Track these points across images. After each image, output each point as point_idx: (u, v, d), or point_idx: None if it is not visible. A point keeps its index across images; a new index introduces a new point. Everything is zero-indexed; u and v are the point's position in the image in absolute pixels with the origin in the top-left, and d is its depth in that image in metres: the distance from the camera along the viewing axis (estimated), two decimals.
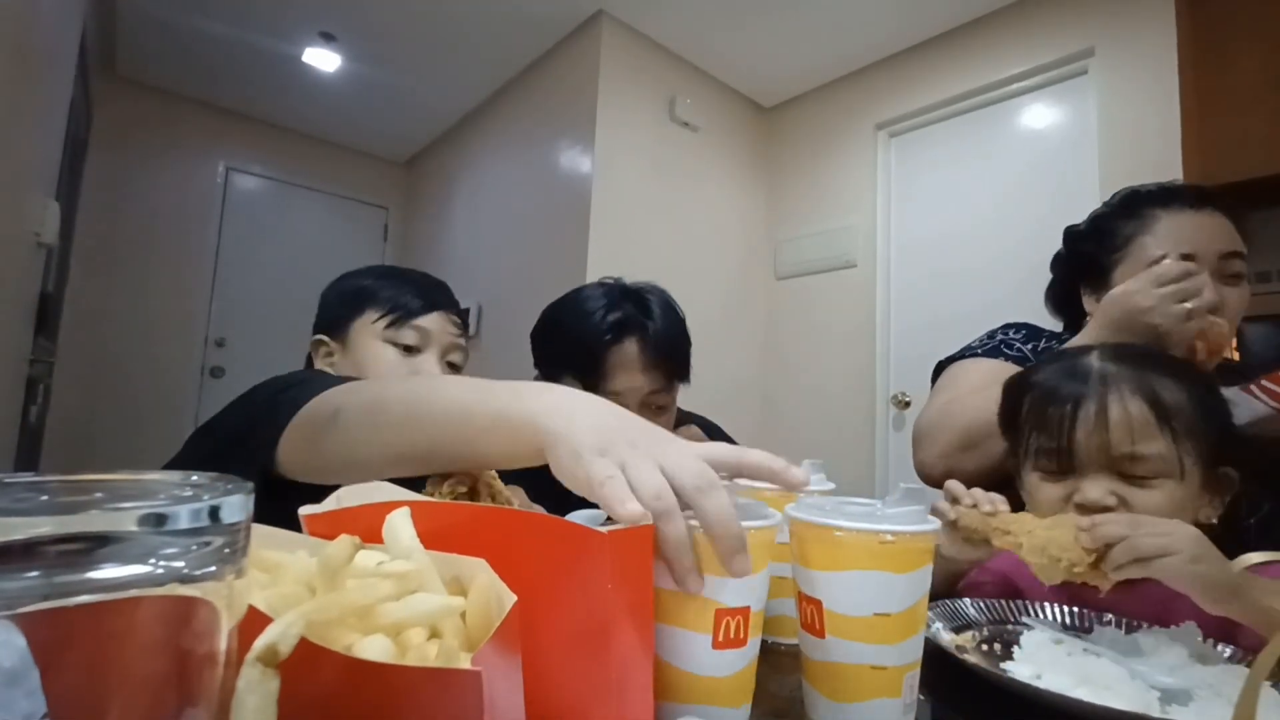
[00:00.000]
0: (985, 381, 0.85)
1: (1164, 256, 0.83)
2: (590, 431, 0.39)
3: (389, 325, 0.85)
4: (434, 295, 0.89)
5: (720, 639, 0.36)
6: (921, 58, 2.61)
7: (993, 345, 0.95)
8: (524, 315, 3.17)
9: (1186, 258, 0.82)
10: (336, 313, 0.89)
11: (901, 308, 2.64)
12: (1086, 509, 0.59)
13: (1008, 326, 0.99)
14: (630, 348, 0.91)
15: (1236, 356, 0.76)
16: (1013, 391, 0.70)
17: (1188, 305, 0.73)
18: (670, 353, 0.94)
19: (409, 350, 0.86)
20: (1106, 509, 0.58)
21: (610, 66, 2.55)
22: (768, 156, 3.16)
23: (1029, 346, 0.94)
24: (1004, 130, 2.42)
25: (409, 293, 0.87)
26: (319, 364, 0.89)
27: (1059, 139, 2.27)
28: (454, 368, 0.91)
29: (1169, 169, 1.88)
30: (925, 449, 0.87)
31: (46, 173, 1.91)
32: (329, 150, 3.83)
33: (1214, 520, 0.60)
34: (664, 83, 2.74)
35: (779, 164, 3.12)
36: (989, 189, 2.42)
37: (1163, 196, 0.89)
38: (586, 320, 0.92)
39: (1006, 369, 0.88)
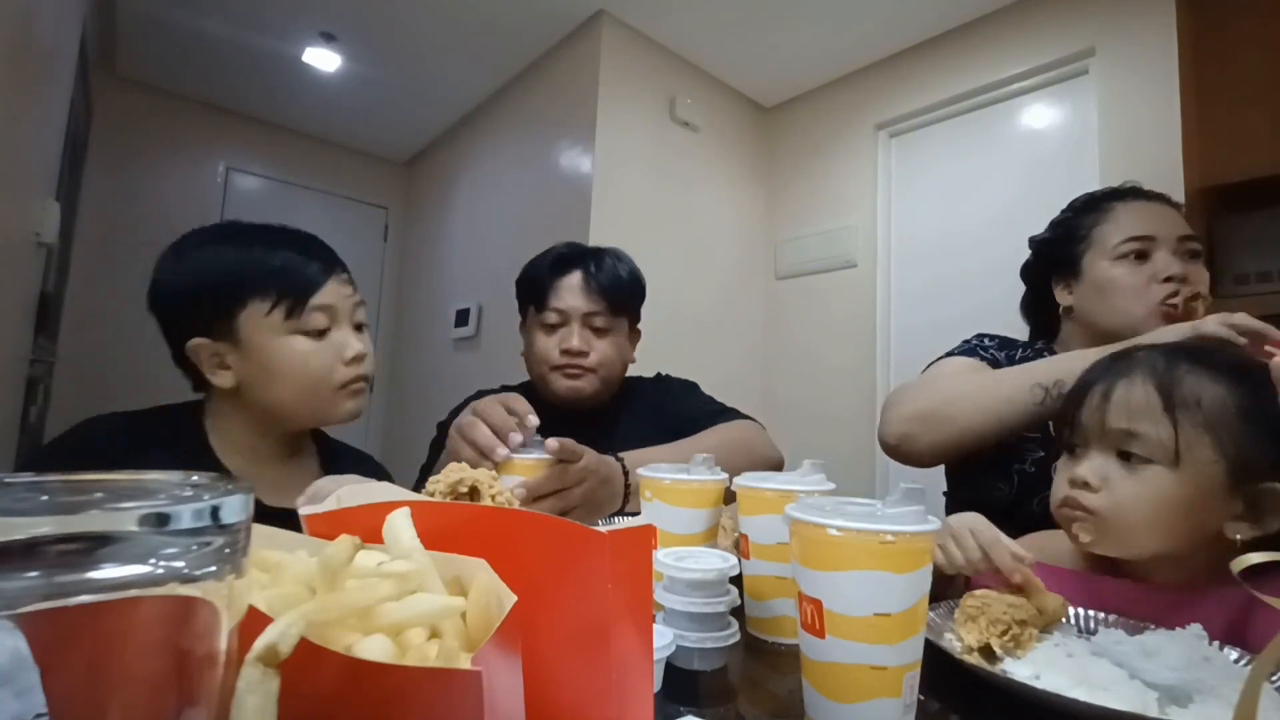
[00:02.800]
0: (956, 370, 0.92)
1: (1130, 239, 0.90)
2: None
3: (289, 314, 0.74)
4: (318, 260, 0.78)
5: None
6: (921, 58, 2.61)
7: (968, 347, 1.01)
8: None
9: (1147, 238, 0.89)
10: (205, 309, 0.74)
11: (901, 308, 2.64)
12: (1074, 483, 0.61)
13: (981, 335, 1.04)
14: (574, 276, 1.08)
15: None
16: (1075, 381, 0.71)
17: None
18: (610, 284, 1.09)
19: (320, 334, 0.76)
20: (1087, 485, 0.60)
21: (610, 66, 2.55)
22: (768, 156, 3.16)
23: (1002, 354, 0.99)
24: (1004, 130, 2.42)
25: (296, 268, 0.76)
26: (207, 373, 0.75)
27: (1059, 139, 2.27)
28: (359, 328, 0.82)
29: (1169, 169, 1.88)
30: (888, 412, 0.91)
31: (46, 173, 1.91)
32: (329, 150, 3.83)
33: (1245, 537, 0.55)
34: (664, 83, 2.74)
35: (779, 164, 3.12)
36: (989, 189, 2.42)
37: (1117, 193, 0.97)
38: (542, 258, 1.13)
39: (979, 364, 0.95)
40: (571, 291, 1.08)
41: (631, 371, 1.21)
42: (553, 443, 0.71)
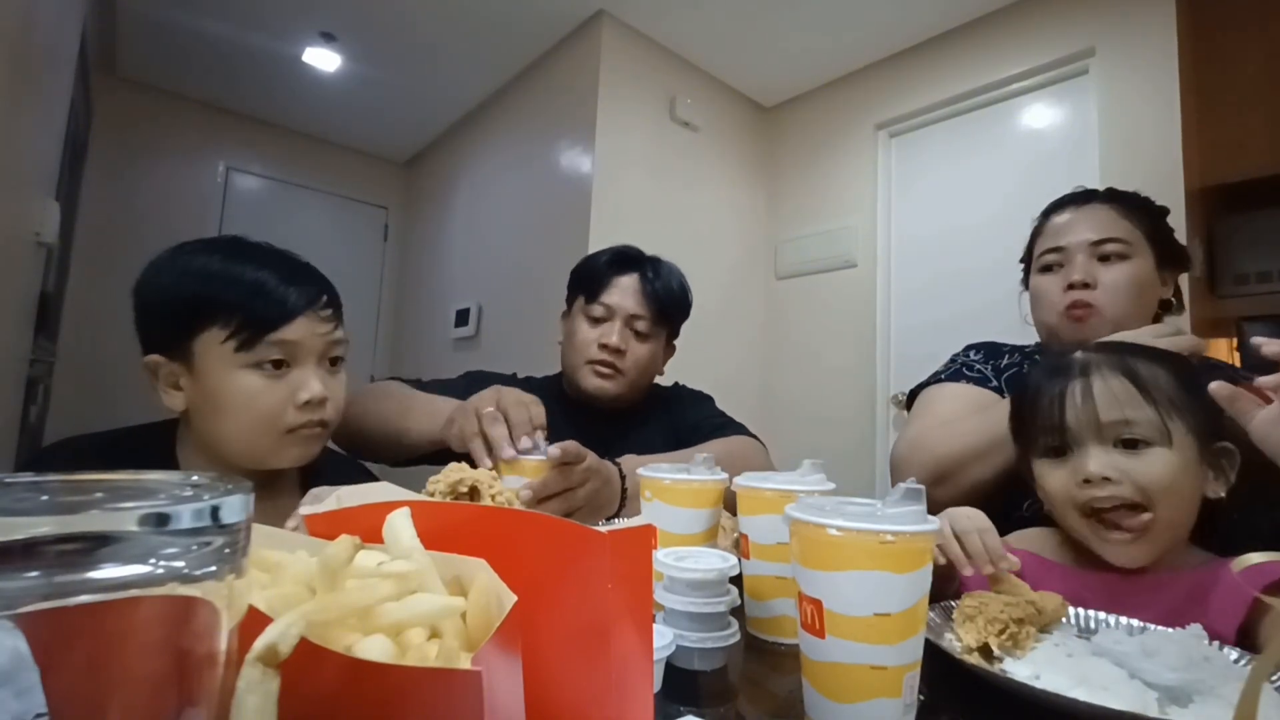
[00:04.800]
0: (950, 411, 0.93)
1: (1045, 251, 0.95)
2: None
3: (242, 345, 0.67)
4: (292, 291, 0.70)
5: None
6: (921, 58, 2.61)
7: (955, 369, 1.01)
8: (524, 315, 3.18)
9: (1058, 250, 0.93)
10: (168, 325, 0.69)
11: (901, 308, 2.64)
12: (1091, 482, 0.62)
13: (968, 348, 1.05)
14: (630, 277, 1.11)
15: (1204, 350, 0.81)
16: (1016, 401, 0.73)
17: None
18: (663, 293, 1.11)
19: (276, 366, 0.69)
20: (1107, 480, 0.61)
21: (610, 66, 2.55)
22: (768, 156, 3.16)
23: (989, 366, 1.00)
24: (1004, 130, 2.42)
25: (263, 296, 0.69)
26: (161, 390, 0.70)
27: (1059, 139, 2.27)
28: (334, 364, 0.76)
29: (1169, 169, 1.88)
30: (903, 471, 0.92)
31: (46, 173, 1.91)
32: (329, 150, 3.83)
33: (1221, 494, 0.61)
34: (664, 83, 2.74)
35: (779, 164, 3.12)
36: (989, 189, 2.42)
37: (1059, 203, 1.00)
38: (601, 252, 1.16)
39: (968, 390, 0.96)
40: (624, 291, 1.10)
41: None
42: (555, 449, 0.71)
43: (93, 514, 0.16)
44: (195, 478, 0.21)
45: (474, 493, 0.53)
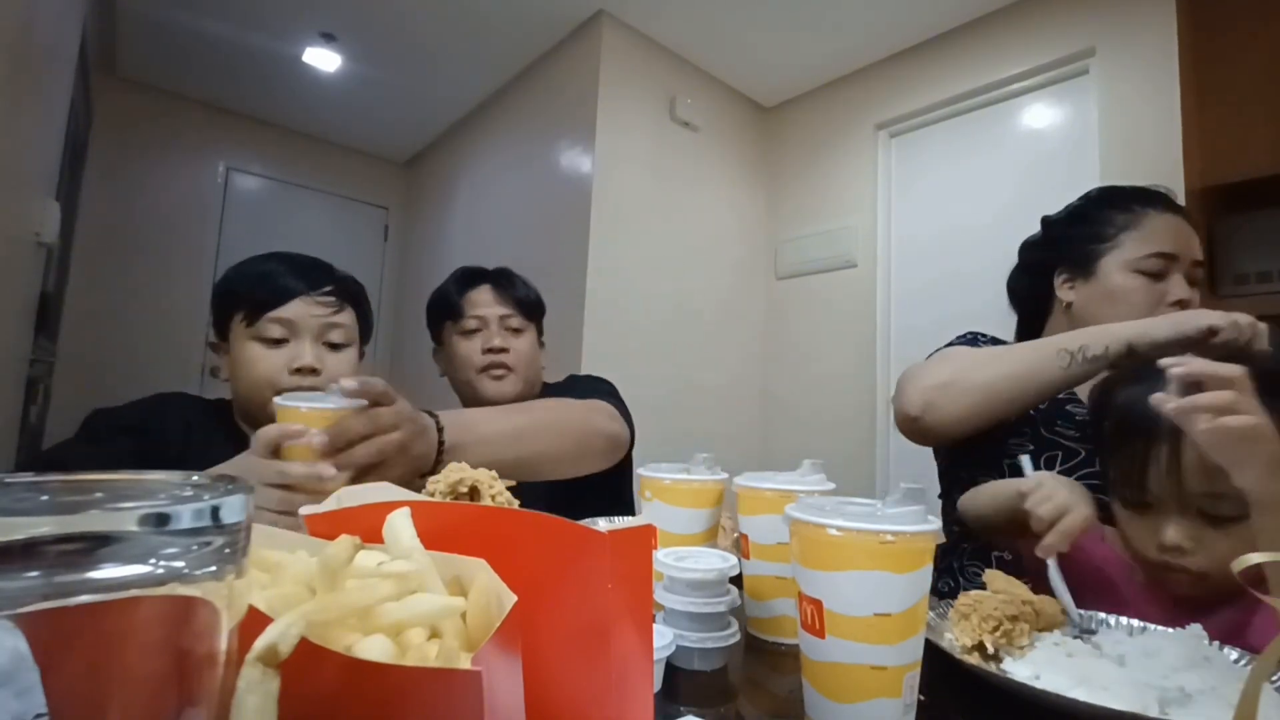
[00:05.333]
0: (964, 349, 0.90)
1: (1156, 255, 0.87)
2: None
3: (250, 322, 0.84)
4: (292, 280, 0.87)
5: None
6: (921, 58, 2.61)
7: (970, 338, 0.99)
8: None
9: (1171, 257, 0.87)
10: (218, 314, 0.88)
11: (901, 308, 2.64)
12: (1166, 549, 0.59)
13: (973, 333, 1.02)
14: (483, 287, 1.19)
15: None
16: (1099, 398, 0.70)
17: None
18: (520, 293, 1.20)
19: (277, 343, 0.84)
20: (1181, 550, 0.58)
21: (610, 66, 2.55)
22: (768, 156, 3.16)
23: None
24: (1004, 130, 2.42)
25: (266, 283, 0.86)
26: (220, 364, 0.89)
27: (1060, 139, 2.27)
28: (334, 347, 0.89)
29: (1169, 169, 1.88)
30: (903, 389, 0.88)
31: (46, 173, 1.91)
32: (329, 150, 3.83)
33: None
34: (664, 83, 2.74)
35: (779, 164, 3.12)
36: (989, 189, 2.42)
37: (1146, 196, 0.93)
38: (447, 282, 1.22)
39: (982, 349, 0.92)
40: (485, 300, 1.18)
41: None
42: (349, 382, 0.62)
43: (93, 514, 0.16)
44: (195, 478, 0.21)
45: (474, 493, 0.53)
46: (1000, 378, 0.80)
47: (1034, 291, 1.02)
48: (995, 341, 1.00)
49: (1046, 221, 1.02)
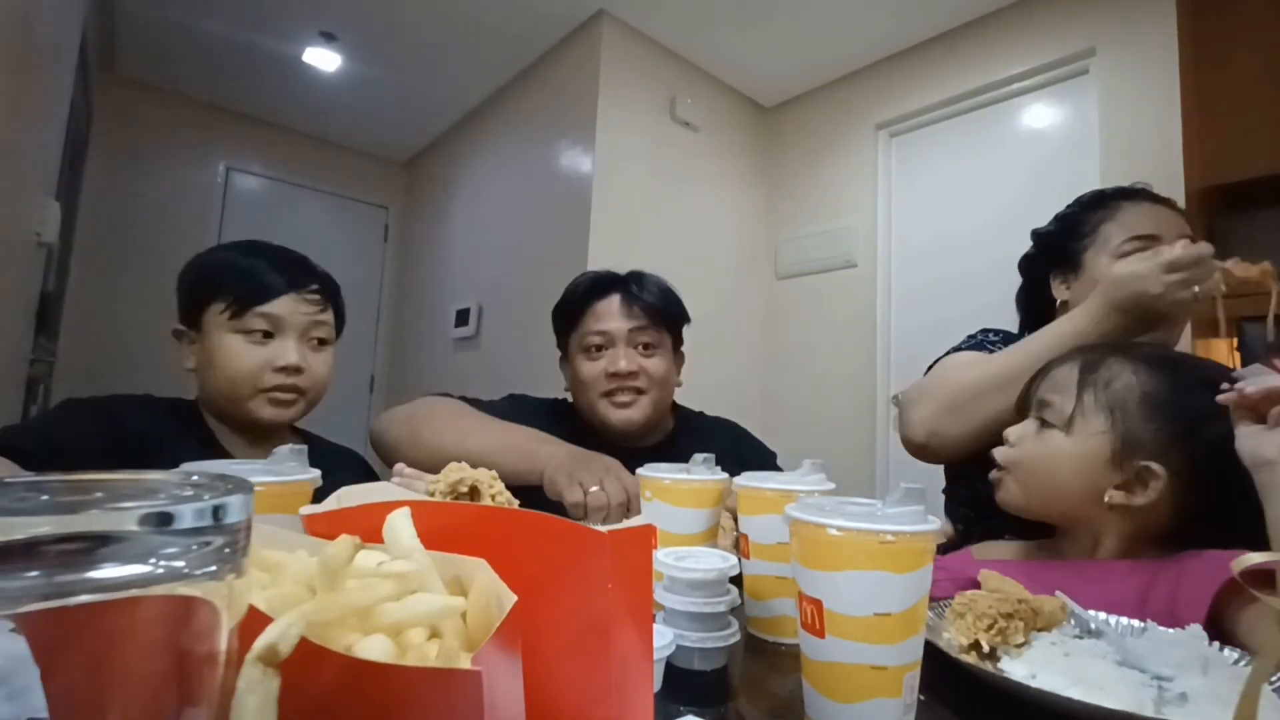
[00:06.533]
0: (965, 362, 0.91)
1: (1134, 238, 0.89)
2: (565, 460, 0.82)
3: (233, 315, 0.83)
4: (280, 276, 0.86)
5: None
6: (921, 58, 2.61)
7: (975, 342, 1.01)
8: (524, 315, 3.18)
9: (1151, 238, 0.89)
10: (189, 300, 0.86)
11: (901, 308, 2.64)
12: (1005, 441, 0.72)
13: (985, 330, 1.04)
14: (613, 297, 1.05)
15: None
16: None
17: (1195, 289, 0.77)
18: (655, 302, 1.05)
19: (264, 337, 0.84)
20: (1008, 442, 0.72)
21: (610, 66, 2.55)
22: (768, 156, 3.16)
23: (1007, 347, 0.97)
24: (1004, 130, 2.42)
25: (254, 277, 0.84)
26: (183, 353, 0.87)
27: (1060, 139, 2.27)
28: (322, 343, 0.89)
29: (1169, 169, 1.88)
30: (911, 412, 0.90)
31: (46, 173, 1.91)
32: (329, 150, 3.83)
33: (1122, 503, 0.63)
34: (664, 83, 2.74)
35: (779, 164, 3.12)
36: (989, 189, 2.42)
37: (1125, 192, 0.97)
38: (576, 284, 1.10)
39: (986, 357, 0.94)
40: (613, 312, 1.04)
41: None
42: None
43: (93, 514, 0.16)
44: (195, 477, 0.21)
45: (474, 493, 0.53)
46: (1001, 398, 0.81)
47: (1036, 299, 1.05)
48: (1007, 336, 1.02)
49: (1035, 234, 1.07)
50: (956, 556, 0.75)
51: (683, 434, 1.13)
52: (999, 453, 0.72)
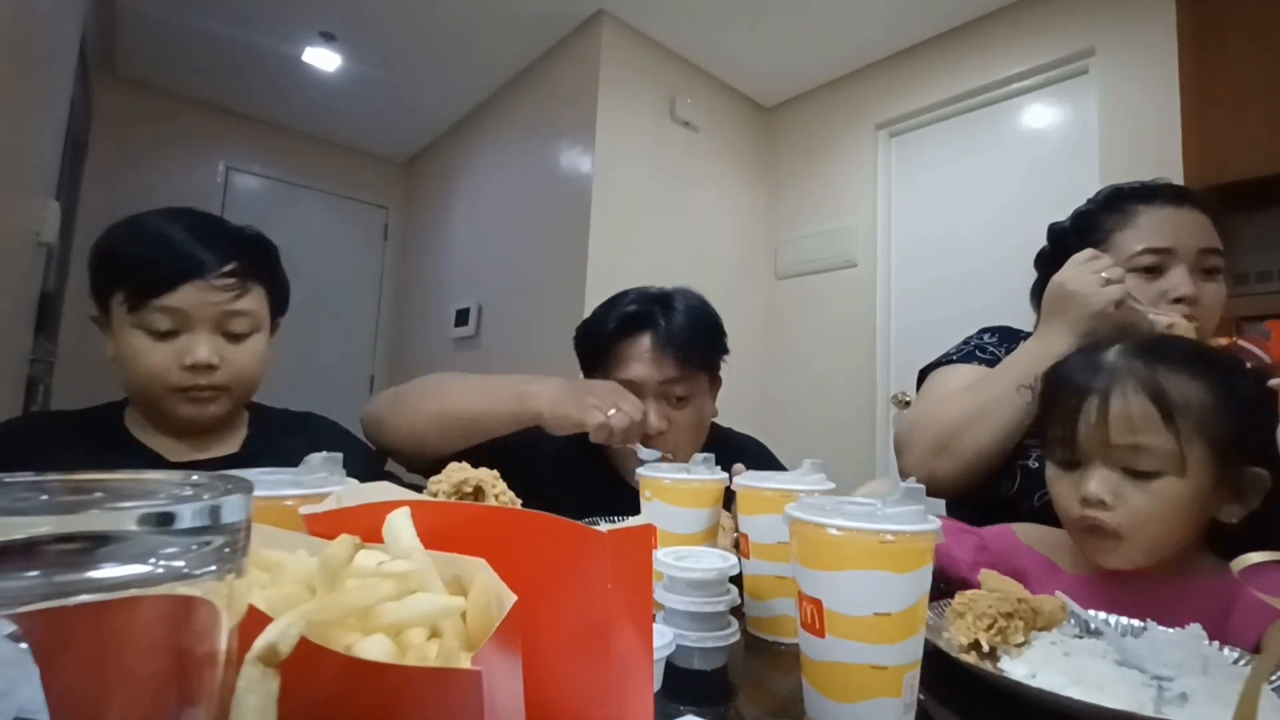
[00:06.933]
0: (957, 387, 0.90)
1: (1147, 250, 0.85)
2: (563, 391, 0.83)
3: (131, 309, 0.71)
4: (185, 260, 0.72)
5: None
6: (921, 58, 2.61)
7: (967, 351, 0.98)
8: (524, 315, 3.18)
9: (1165, 251, 0.85)
10: (94, 287, 0.76)
11: (901, 308, 2.64)
12: (1088, 502, 0.60)
13: (982, 331, 1.02)
14: (642, 340, 0.93)
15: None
16: (1044, 381, 0.71)
17: (1114, 289, 0.77)
18: (687, 343, 0.93)
19: (165, 335, 0.72)
20: (1102, 503, 0.59)
21: (610, 66, 2.55)
22: (768, 156, 3.16)
23: (1003, 349, 0.97)
24: (1004, 130, 2.42)
25: (151, 265, 0.71)
26: (104, 342, 0.78)
27: (1059, 139, 2.27)
28: (236, 338, 0.76)
29: (1169, 169, 1.87)
30: (904, 457, 0.90)
31: (46, 173, 1.91)
32: (329, 150, 3.83)
33: (1234, 520, 0.59)
34: (664, 83, 2.74)
35: (779, 164, 3.12)
36: (989, 189, 2.42)
37: (1144, 193, 0.91)
38: (603, 315, 0.97)
39: (978, 371, 0.93)
40: (641, 360, 0.92)
41: None
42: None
43: (92, 514, 0.16)
44: (195, 477, 0.21)
45: (478, 493, 0.53)
46: (984, 435, 0.82)
47: None
48: (1004, 335, 1.00)
49: (1051, 229, 1.02)
50: (995, 532, 0.71)
51: (720, 456, 1.10)
52: (1103, 519, 0.60)
